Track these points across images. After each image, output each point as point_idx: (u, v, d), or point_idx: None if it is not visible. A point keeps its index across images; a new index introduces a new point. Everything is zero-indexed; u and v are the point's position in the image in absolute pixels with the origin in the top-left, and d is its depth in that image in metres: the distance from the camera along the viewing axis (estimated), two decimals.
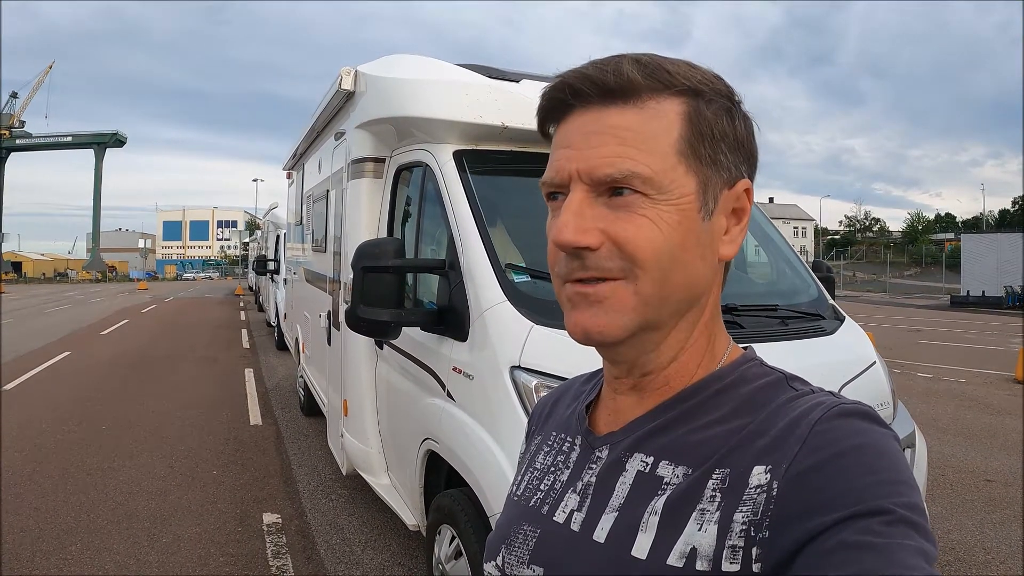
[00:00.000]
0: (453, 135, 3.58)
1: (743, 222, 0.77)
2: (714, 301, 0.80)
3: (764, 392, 0.74)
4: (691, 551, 0.66)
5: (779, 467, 0.64)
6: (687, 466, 0.71)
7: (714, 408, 0.75)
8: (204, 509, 5.13)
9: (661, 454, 0.75)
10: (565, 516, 0.80)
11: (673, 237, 0.70)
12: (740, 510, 0.65)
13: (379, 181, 4.37)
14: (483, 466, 2.72)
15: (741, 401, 0.74)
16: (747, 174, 0.77)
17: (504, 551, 0.85)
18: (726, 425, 0.72)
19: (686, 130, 0.72)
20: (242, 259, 68.07)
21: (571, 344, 2.50)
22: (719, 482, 0.68)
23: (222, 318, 22.63)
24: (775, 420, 0.69)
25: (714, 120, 0.73)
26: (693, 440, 0.73)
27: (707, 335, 0.79)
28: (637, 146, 0.70)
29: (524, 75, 3.99)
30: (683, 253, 0.71)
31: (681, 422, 0.76)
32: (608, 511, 0.75)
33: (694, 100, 0.73)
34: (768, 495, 0.63)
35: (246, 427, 7.70)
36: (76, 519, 4.89)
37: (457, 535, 2.94)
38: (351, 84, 4.44)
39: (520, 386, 2.65)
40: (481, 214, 3.21)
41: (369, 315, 3.09)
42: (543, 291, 3.04)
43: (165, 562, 4.24)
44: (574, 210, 0.71)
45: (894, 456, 0.63)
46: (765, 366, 0.79)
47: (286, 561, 4.30)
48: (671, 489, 0.71)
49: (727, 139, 0.74)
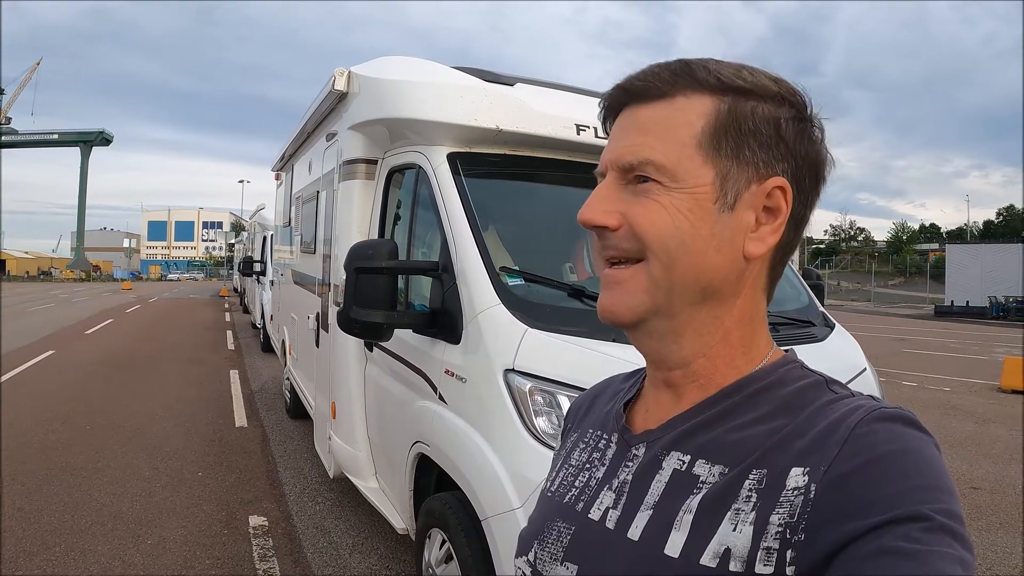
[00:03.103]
0: (447, 137, 3.57)
1: (778, 221, 0.75)
2: (748, 301, 0.79)
3: (803, 394, 0.73)
4: (725, 551, 0.65)
5: (817, 470, 0.64)
6: (724, 465, 0.71)
7: (752, 408, 0.74)
8: (189, 511, 5.08)
9: (698, 453, 0.74)
10: (600, 514, 0.80)
11: (682, 223, 0.73)
12: (776, 512, 0.64)
13: (371, 183, 4.36)
14: (476, 470, 2.70)
15: (780, 402, 0.73)
16: (786, 174, 0.75)
17: (537, 547, 0.85)
18: (764, 425, 0.72)
19: (710, 123, 0.74)
20: (227, 260, 67.78)
21: (565, 348, 2.52)
22: (756, 482, 0.67)
23: (207, 319, 22.48)
24: (814, 422, 0.68)
25: (748, 117, 0.74)
26: (730, 439, 0.73)
27: (741, 335, 0.79)
28: (657, 136, 0.74)
29: (518, 79, 3.99)
30: (693, 240, 0.73)
31: (719, 421, 0.75)
32: (643, 509, 0.75)
33: (730, 98, 0.75)
34: (805, 498, 0.63)
35: (231, 429, 7.64)
36: (60, 520, 4.83)
37: (448, 539, 2.92)
38: (344, 85, 4.43)
39: (514, 389, 2.64)
40: (475, 217, 3.20)
41: (362, 316, 3.08)
42: (537, 295, 3.04)
43: (150, 564, 4.19)
44: (600, 194, 0.78)
45: (934, 462, 0.62)
46: (806, 368, 0.78)
47: (273, 564, 4.26)
48: (707, 488, 0.71)
49: (759, 135, 0.74)
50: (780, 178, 0.75)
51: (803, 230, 0.79)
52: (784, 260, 0.81)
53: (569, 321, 2.89)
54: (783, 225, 0.76)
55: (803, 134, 0.76)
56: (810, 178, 0.77)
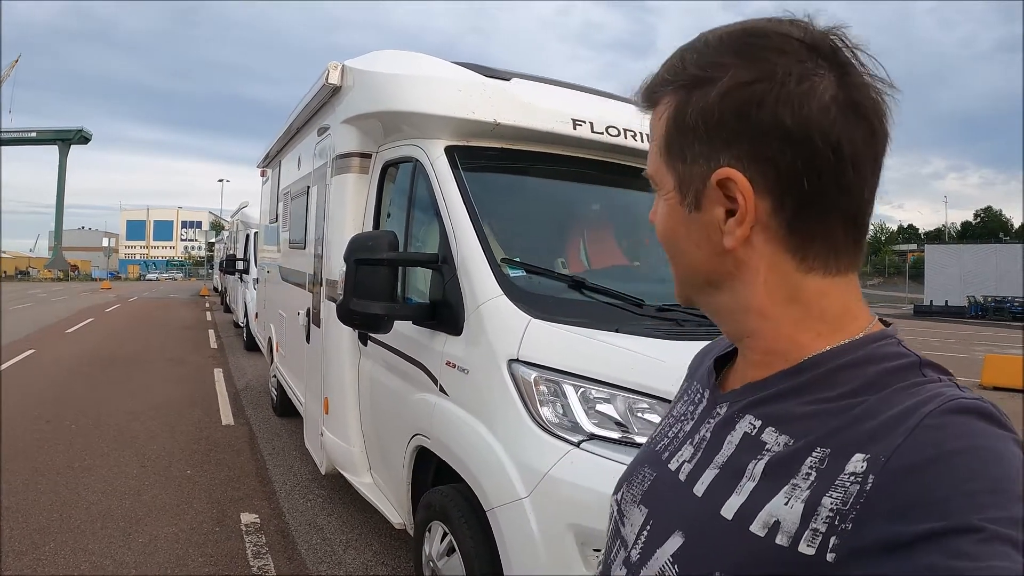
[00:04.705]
0: (445, 131, 3.56)
1: (738, 214, 0.71)
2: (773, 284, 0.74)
3: (890, 375, 0.69)
4: (774, 523, 0.65)
5: (878, 459, 0.61)
6: (791, 437, 0.70)
7: (833, 384, 0.70)
8: (180, 509, 5.03)
9: (769, 420, 0.74)
10: (677, 465, 0.83)
11: (665, 228, 0.81)
12: (830, 495, 0.62)
13: (365, 176, 4.34)
14: (480, 460, 2.70)
15: (863, 381, 0.69)
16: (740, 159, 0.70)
17: (624, 487, 0.92)
18: (839, 403, 0.68)
19: (666, 128, 0.77)
20: (207, 260, 67.19)
21: (569, 338, 2.52)
22: (817, 461, 0.65)
23: (188, 318, 22.28)
24: (887, 406, 0.65)
25: (689, 112, 0.73)
26: (802, 412, 0.71)
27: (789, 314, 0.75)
28: (651, 148, 0.82)
29: (514, 74, 3.99)
30: (676, 242, 0.80)
31: (795, 393, 0.73)
32: (711, 467, 0.77)
33: (683, 93, 0.74)
34: (861, 487, 0.60)
35: (218, 427, 7.57)
36: (49, 519, 4.76)
37: (450, 532, 2.91)
38: (338, 79, 4.40)
39: (519, 379, 2.64)
40: (475, 208, 3.19)
41: (362, 308, 3.06)
42: (539, 286, 3.04)
43: (143, 562, 4.14)
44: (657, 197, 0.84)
45: (1008, 462, 0.58)
46: (901, 346, 0.73)
47: (267, 561, 4.22)
48: (770, 456, 0.70)
49: (697, 130, 0.72)
50: (725, 169, 0.70)
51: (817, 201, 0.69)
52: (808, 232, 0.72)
53: (571, 312, 2.89)
54: (748, 215, 0.71)
55: (759, 102, 0.68)
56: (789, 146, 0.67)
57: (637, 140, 3.90)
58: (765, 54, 0.69)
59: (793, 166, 0.68)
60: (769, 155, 0.69)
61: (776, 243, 0.73)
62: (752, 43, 0.71)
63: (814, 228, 0.72)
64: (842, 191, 0.70)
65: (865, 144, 0.69)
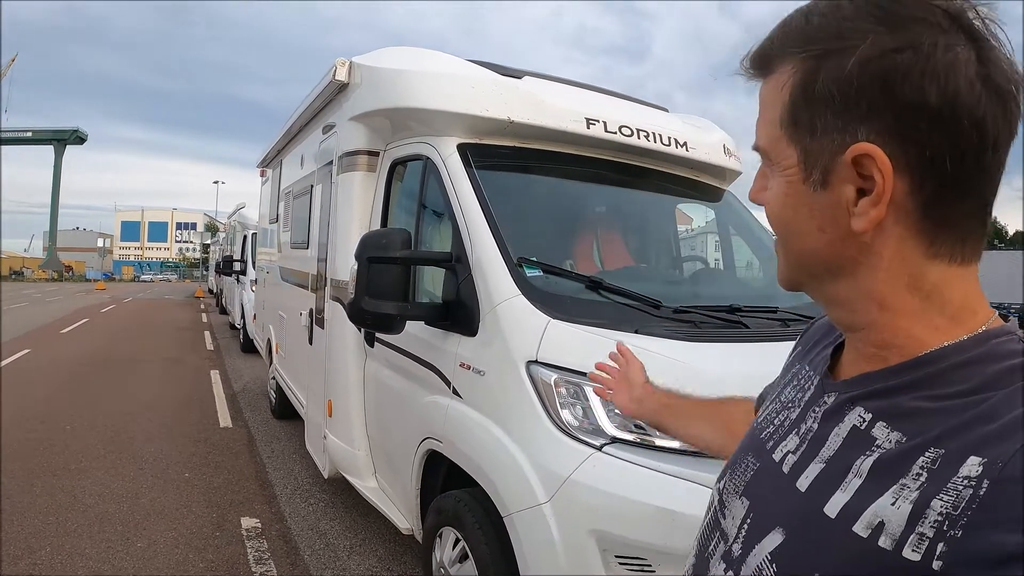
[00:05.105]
0: (457, 128, 3.50)
1: (874, 193, 0.65)
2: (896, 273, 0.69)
3: (1011, 373, 0.64)
4: (879, 524, 0.62)
5: (995, 464, 0.56)
6: (903, 434, 0.66)
7: (950, 382, 0.66)
8: (179, 512, 4.94)
9: (880, 414, 0.69)
10: (781, 456, 0.79)
11: (780, 207, 0.74)
12: (941, 498, 0.58)
13: (372, 175, 4.26)
14: (497, 465, 2.62)
15: (981, 380, 0.64)
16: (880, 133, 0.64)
17: (728, 476, 0.89)
18: (956, 401, 0.64)
19: (790, 97, 0.70)
20: (202, 262, 67.04)
21: (589, 339, 2.45)
22: (929, 461, 0.61)
23: (184, 319, 22.14)
24: (1006, 408, 0.60)
25: (823, 82, 0.66)
26: (916, 408, 0.66)
27: (909, 306, 0.70)
28: (763, 118, 0.75)
29: (526, 72, 3.95)
30: (793, 223, 0.73)
31: (910, 388, 0.68)
32: (817, 461, 0.73)
33: (817, 61, 0.67)
34: (975, 492, 0.56)
35: (216, 429, 7.47)
36: (44, 522, 4.66)
37: (463, 538, 2.83)
38: (345, 75, 4.33)
39: (538, 381, 2.56)
40: (490, 207, 3.12)
41: (374, 307, 2.99)
42: (556, 286, 2.97)
43: (142, 568, 4.04)
44: (759, 172, 0.79)
45: None
46: (1021, 343, 0.68)
47: (270, 567, 4.13)
48: (879, 452, 0.66)
49: (832, 100, 0.66)
50: (863, 144, 0.65)
51: (968, 172, 0.64)
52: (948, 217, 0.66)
53: (589, 312, 2.82)
54: (885, 196, 0.65)
55: (904, 74, 0.62)
56: (935, 123, 0.62)
57: (650, 140, 3.84)
58: (908, 22, 0.63)
59: (938, 145, 0.63)
60: (912, 132, 0.63)
61: (907, 227, 0.67)
62: (893, 9, 0.64)
63: (949, 212, 0.67)
64: (982, 173, 0.65)
65: (1004, 124, 0.64)
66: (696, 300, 3.37)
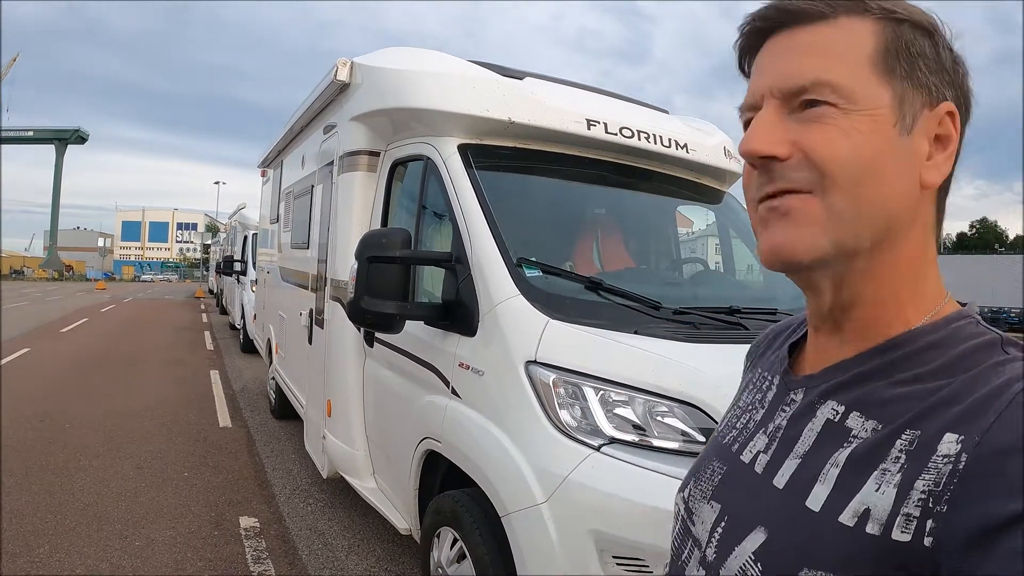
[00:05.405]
0: (458, 129, 3.50)
1: (949, 149, 0.71)
2: (920, 241, 0.73)
3: (974, 354, 0.67)
4: (864, 511, 0.63)
5: (971, 439, 0.58)
6: (878, 421, 0.68)
7: (917, 364, 0.69)
8: (177, 511, 4.93)
9: (853, 405, 0.71)
10: (751, 457, 0.80)
11: (865, 149, 0.67)
12: (923, 477, 0.60)
13: (373, 175, 4.27)
14: (496, 465, 2.62)
15: (948, 361, 0.67)
16: (952, 100, 0.71)
17: (692, 484, 0.88)
18: (926, 384, 0.67)
19: (880, 43, 0.70)
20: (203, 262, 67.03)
21: (588, 339, 2.45)
22: (907, 443, 0.63)
23: (184, 319, 22.15)
24: (977, 385, 0.63)
25: (912, 40, 0.70)
26: (889, 395, 0.69)
27: (912, 278, 0.73)
28: (828, 57, 0.69)
29: (527, 73, 3.95)
30: (876, 166, 0.68)
31: (880, 374, 0.71)
32: (792, 457, 0.74)
33: (892, 24, 0.70)
34: (954, 467, 0.58)
35: (215, 429, 7.47)
36: (43, 520, 4.65)
37: (461, 538, 2.83)
38: (347, 75, 4.34)
39: (536, 382, 2.56)
40: (490, 207, 3.12)
41: (374, 307, 2.99)
42: (556, 286, 2.97)
43: (140, 566, 4.04)
44: (764, 120, 0.71)
45: None
46: (981, 325, 0.72)
47: (268, 566, 4.13)
48: (856, 443, 0.68)
49: (926, 58, 0.70)
50: (949, 103, 0.70)
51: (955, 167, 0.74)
52: (944, 199, 0.75)
53: (588, 313, 2.83)
54: (955, 153, 0.72)
55: (958, 63, 0.72)
56: (964, 110, 0.72)
57: (651, 142, 3.84)
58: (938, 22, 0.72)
59: (964, 122, 0.73)
60: (962, 107, 0.72)
61: (932, 200, 0.74)
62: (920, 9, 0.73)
63: (947, 196, 0.75)
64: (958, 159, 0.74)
65: None
66: (695, 301, 3.37)
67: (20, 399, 8.40)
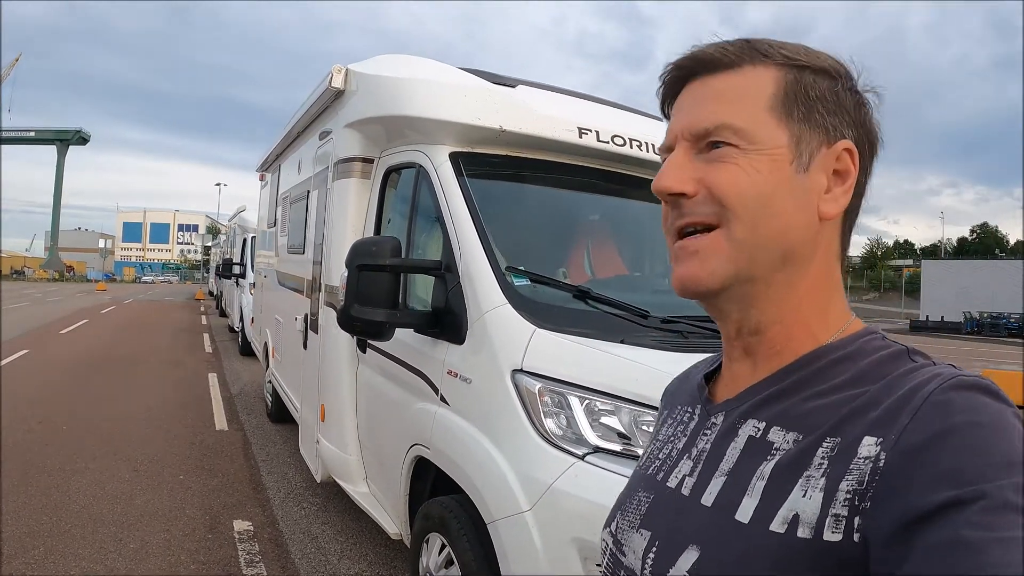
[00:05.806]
0: (450, 137, 3.53)
1: (847, 183, 0.77)
2: (823, 266, 0.79)
3: (884, 364, 0.72)
4: (793, 517, 0.65)
5: (888, 439, 0.63)
6: (798, 432, 0.72)
7: (830, 377, 0.74)
8: (172, 514, 4.96)
9: (773, 420, 0.75)
10: (677, 481, 0.82)
11: (763, 184, 0.74)
12: (846, 479, 0.64)
13: (367, 182, 4.30)
14: (482, 472, 2.65)
15: (859, 372, 0.72)
16: (853, 139, 0.77)
17: (619, 517, 0.89)
18: (840, 394, 0.71)
19: (779, 89, 0.76)
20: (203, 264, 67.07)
21: (574, 348, 2.47)
22: (828, 450, 0.67)
23: (183, 321, 22.19)
24: (890, 391, 0.67)
25: (812, 84, 0.76)
26: (806, 408, 0.73)
27: (816, 301, 0.79)
28: (732, 102, 0.76)
29: (519, 81, 3.97)
30: (774, 200, 0.74)
31: (795, 390, 0.75)
32: (717, 475, 0.77)
33: (794, 71, 0.77)
34: (875, 466, 0.62)
35: (212, 432, 7.50)
36: (39, 522, 4.68)
37: (448, 543, 2.86)
38: (342, 82, 4.37)
39: (523, 390, 2.59)
40: (479, 216, 3.15)
41: (363, 315, 3.01)
42: (544, 295, 3.00)
43: (134, 568, 4.07)
44: (674, 162, 0.79)
45: (1010, 434, 0.60)
46: (887, 339, 0.77)
47: (260, 569, 4.16)
48: (780, 455, 0.71)
49: (825, 101, 0.76)
50: (848, 141, 0.76)
51: (863, 199, 0.81)
52: (850, 228, 0.82)
53: (575, 322, 2.85)
54: (852, 187, 0.77)
55: (860, 104, 0.78)
56: (868, 146, 0.79)
57: (643, 150, 3.87)
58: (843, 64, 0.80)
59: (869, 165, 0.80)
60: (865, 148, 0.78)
61: (837, 229, 0.80)
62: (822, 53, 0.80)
63: (854, 222, 0.82)
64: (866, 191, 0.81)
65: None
66: (684, 311, 3.39)
67: (19, 401, 8.44)
